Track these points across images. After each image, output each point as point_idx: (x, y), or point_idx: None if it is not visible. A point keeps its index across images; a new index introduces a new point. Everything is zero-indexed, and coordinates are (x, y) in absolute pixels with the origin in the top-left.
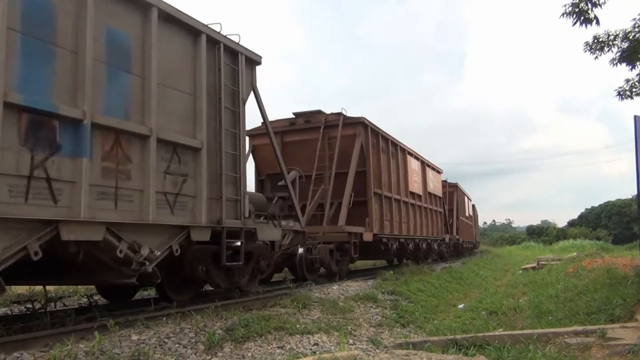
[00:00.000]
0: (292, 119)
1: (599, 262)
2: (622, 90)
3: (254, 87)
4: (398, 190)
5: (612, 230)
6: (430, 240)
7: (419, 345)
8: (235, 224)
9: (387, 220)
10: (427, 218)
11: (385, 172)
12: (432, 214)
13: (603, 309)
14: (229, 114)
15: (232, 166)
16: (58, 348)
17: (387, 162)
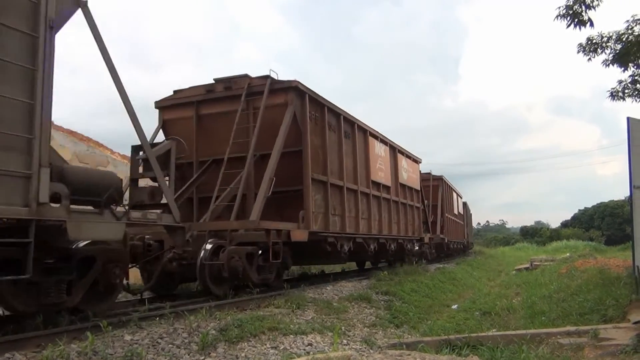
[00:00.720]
0: (209, 85)
1: (591, 262)
2: (615, 91)
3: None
4: (355, 178)
5: (605, 231)
6: (403, 239)
7: (412, 346)
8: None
9: (336, 215)
10: (399, 214)
11: (334, 154)
12: (406, 209)
13: (596, 310)
14: (15, 38)
15: (17, 122)
16: (50, 348)
17: (337, 142)
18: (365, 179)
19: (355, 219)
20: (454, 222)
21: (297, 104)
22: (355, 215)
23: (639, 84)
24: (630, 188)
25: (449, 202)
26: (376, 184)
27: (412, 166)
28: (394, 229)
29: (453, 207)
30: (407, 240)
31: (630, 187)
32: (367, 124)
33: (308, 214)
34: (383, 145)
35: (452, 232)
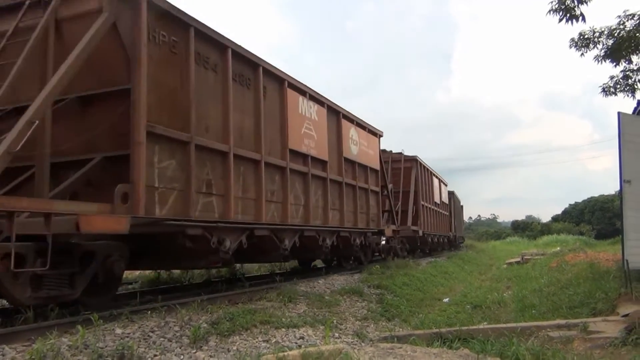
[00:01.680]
0: None
1: (582, 256)
2: (607, 86)
3: None
4: (256, 144)
5: (595, 225)
6: (350, 232)
7: (404, 339)
8: None
9: (213, 194)
10: (342, 198)
11: (211, 104)
12: (355, 193)
13: (585, 303)
14: None
15: None
16: (41, 342)
17: (221, 88)
18: (278, 147)
19: (255, 202)
20: (435, 212)
21: (124, 13)
22: (255, 197)
23: (630, 79)
24: (620, 182)
25: (426, 189)
26: (300, 155)
27: (367, 139)
28: (331, 217)
29: (433, 194)
30: (358, 233)
31: (620, 182)
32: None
33: (137, 189)
34: (315, 105)
35: (432, 223)
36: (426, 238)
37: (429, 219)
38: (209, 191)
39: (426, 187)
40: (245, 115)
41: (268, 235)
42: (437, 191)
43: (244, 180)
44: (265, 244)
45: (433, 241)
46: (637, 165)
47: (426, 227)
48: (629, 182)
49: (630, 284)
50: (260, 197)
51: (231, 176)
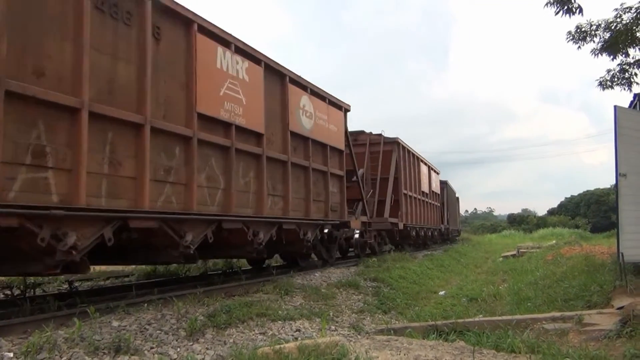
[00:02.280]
0: None
1: (577, 249)
2: (604, 80)
3: None
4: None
5: (591, 218)
6: (294, 223)
7: (400, 331)
8: None
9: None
10: (285, 182)
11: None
12: (307, 176)
13: (580, 296)
14: None
15: None
16: (37, 334)
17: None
18: (181, 110)
19: (136, 182)
20: (423, 202)
21: None
22: (135, 175)
23: (627, 72)
24: (616, 176)
25: (411, 176)
26: (218, 123)
27: (326, 112)
28: (272, 206)
29: (420, 182)
30: (310, 225)
31: (616, 175)
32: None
33: None
34: (245, 62)
35: (419, 215)
36: (409, 231)
37: (414, 209)
38: (40, 163)
39: (411, 174)
40: (120, 61)
41: (158, 228)
42: (426, 179)
43: (113, 150)
44: (155, 239)
45: (419, 235)
46: (633, 158)
47: (409, 218)
48: (625, 175)
49: (625, 277)
50: (142, 176)
51: (83, 143)
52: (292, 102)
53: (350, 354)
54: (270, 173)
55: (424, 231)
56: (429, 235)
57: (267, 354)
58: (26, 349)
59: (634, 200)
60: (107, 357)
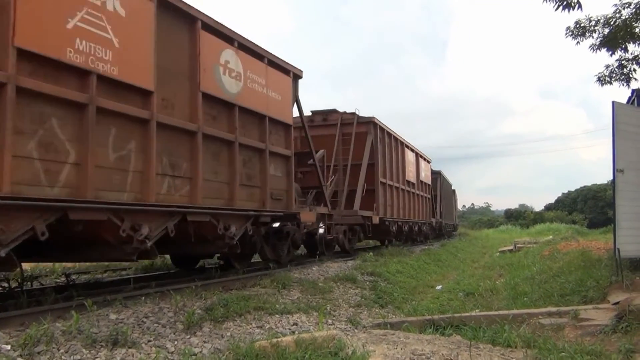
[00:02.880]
0: None
1: (574, 245)
2: (602, 75)
3: None
4: None
5: (588, 214)
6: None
7: (397, 326)
8: None
9: None
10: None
11: None
12: (233, 154)
13: (577, 291)
14: None
15: None
16: (34, 327)
17: None
18: None
19: None
20: (409, 194)
21: None
22: None
23: (626, 68)
24: (613, 172)
25: (392, 163)
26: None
27: (264, 74)
28: (168, 191)
29: (405, 170)
30: (237, 217)
31: (613, 171)
32: None
33: None
34: None
35: (405, 208)
36: (387, 226)
37: (396, 201)
38: None
39: (391, 161)
40: None
41: None
42: (413, 167)
43: None
44: None
45: (401, 230)
46: (631, 154)
47: (389, 211)
48: (622, 171)
49: (622, 272)
50: None
51: None
52: (206, 56)
53: (347, 348)
54: (166, 146)
55: (408, 226)
56: (415, 230)
57: (264, 348)
58: (23, 342)
59: (631, 196)
60: (105, 350)
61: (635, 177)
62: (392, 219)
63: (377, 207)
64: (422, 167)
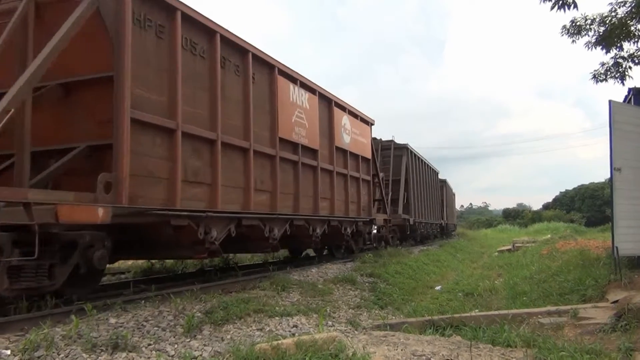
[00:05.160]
0: None
1: (572, 244)
2: (598, 73)
3: None
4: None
5: (586, 213)
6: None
7: (396, 327)
8: None
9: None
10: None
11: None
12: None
13: (576, 290)
14: None
15: None
16: (34, 332)
17: None
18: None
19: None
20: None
21: None
22: None
23: (621, 66)
24: (610, 170)
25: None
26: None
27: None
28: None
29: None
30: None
31: (610, 170)
32: None
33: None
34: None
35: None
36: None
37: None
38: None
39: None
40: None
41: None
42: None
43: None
44: None
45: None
46: (628, 153)
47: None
48: (619, 169)
49: (620, 270)
50: None
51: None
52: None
53: (347, 350)
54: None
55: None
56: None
57: (264, 350)
58: (23, 347)
59: (628, 194)
60: (105, 354)
61: (633, 176)
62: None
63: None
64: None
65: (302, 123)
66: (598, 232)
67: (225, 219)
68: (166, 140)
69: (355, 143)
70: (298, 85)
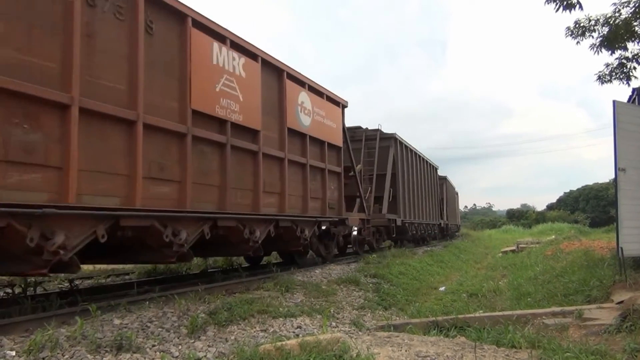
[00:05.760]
0: None
1: (576, 244)
2: (603, 74)
3: None
4: None
5: (590, 213)
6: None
7: (400, 328)
8: None
9: None
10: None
11: None
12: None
13: (580, 291)
14: None
15: None
16: (39, 333)
17: None
18: None
19: None
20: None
21: None
22: None
23: (625, 67)
24: (615, 171)
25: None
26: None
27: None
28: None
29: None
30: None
31: (615, 170)
32: None
33: None
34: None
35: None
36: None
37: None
38: None
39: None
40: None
41: None
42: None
43: None
44: None
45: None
46: (632, 153)
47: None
48: (624, 170)
49: (625, 271)
50: None
51: None
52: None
53: (351, 350)
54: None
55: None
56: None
57: (268, 351)
58: (28, 348)
59: (633, 194)
60: (109, 355)
61: (637, 176)
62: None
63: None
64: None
65: (234, 95)
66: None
67: None
68: None
69: (318, 127)
70: (227, 45)
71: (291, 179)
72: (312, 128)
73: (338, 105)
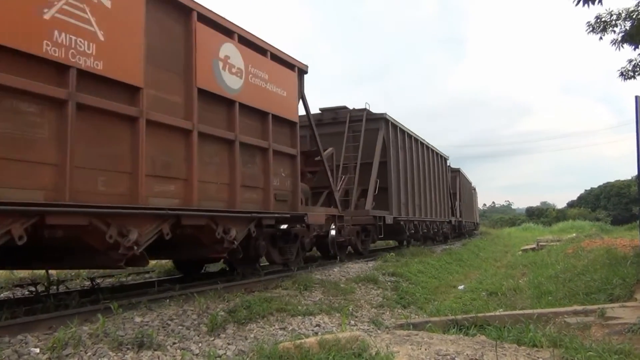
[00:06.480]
0: None
1: (598, 242)
2: (625, 70)
3: None
4: None
5: (612, 211)
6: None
7: (420, 326)
8: None
9: None
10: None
11: None
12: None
13: (602, 289)
14: None
15: None
16: (62, 330)
17: None
18: None
19: None
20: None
21: None
22: None
23: None
24: (637, 167)
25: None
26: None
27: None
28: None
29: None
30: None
31: (637, 166)
32: None
33: None
34: None
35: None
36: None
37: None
38: None
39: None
40: None
41: None
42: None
43: None
44: None
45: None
46: None
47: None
48: None
49: None
50: None
51: None
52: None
53: (370, 349)
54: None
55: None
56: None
57: (288, 349)
58: (52, 345)
59: None
60: (131, 353)
61: None
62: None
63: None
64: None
65: (86, 30)
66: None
67: None
68: None
69: (257, 92)
70: None
71: (207, 161)
72: (246, 93)
73: (292, 69)
